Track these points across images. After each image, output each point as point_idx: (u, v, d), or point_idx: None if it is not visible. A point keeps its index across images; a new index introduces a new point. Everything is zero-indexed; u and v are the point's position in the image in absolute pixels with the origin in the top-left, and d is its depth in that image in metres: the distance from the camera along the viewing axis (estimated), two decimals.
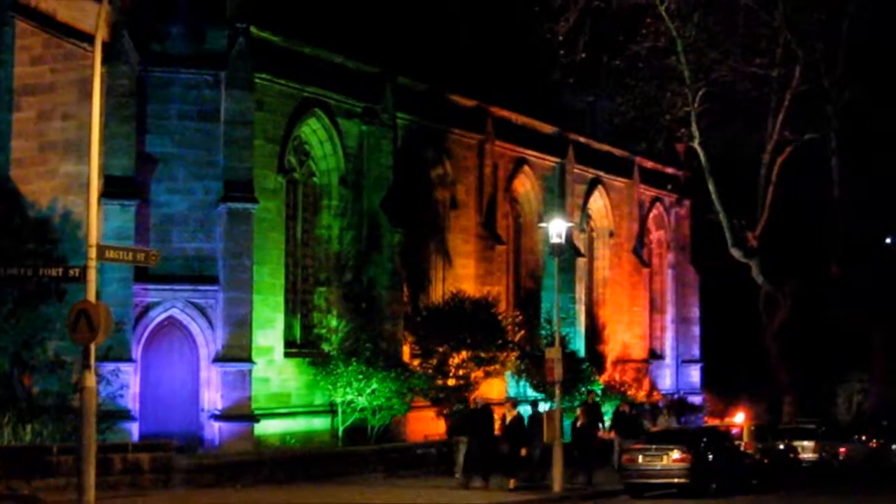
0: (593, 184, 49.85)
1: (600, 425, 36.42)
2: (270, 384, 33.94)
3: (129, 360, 30.74)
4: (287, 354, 34.69)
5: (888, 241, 53.76)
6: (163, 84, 32.14)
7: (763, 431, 38.14)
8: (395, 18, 38.03)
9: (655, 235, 55.40)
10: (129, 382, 30.49)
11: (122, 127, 31.20)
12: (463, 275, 41.49)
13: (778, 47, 43.81)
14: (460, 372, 37.72)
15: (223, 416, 31.85)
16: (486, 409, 31.54)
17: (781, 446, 37.35)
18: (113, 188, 30.68)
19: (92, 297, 22.06)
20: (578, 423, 33.91)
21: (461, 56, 41.33)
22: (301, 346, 35.61)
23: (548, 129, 46.56)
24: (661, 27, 42.63)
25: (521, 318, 41.94)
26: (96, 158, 22.68)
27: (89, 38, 28.31)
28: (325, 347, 35.30)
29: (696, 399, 54.28)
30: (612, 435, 37.10)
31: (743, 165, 46.42)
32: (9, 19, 32.50)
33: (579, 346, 46.88)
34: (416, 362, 37.58)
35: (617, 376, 48.51)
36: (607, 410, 39.50)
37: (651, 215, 54.43)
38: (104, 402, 28.00)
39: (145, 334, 31.67)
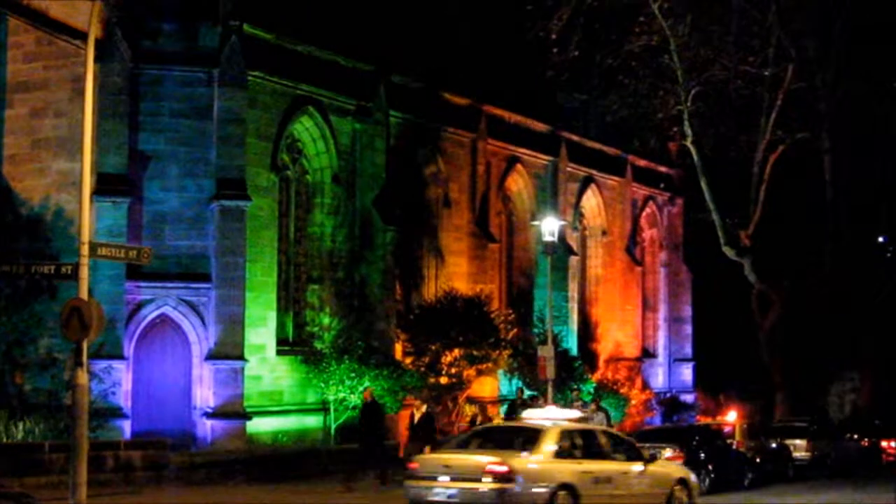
0: (586, 182, 49.91)
1: None
2: (263, 382, 33.95)
3: (122, 357, 30.77)
4: (279, 352, 34.71)
5: (880, 239, 53.78)
6: (155, 81, 32.15)
7: (755, 430, 38.11)
8: (389, 16, 38.02)
9: (648, 234, 55.45)
10: (121, 380, 30.52)
11: (114, 124, 31.23)
12: (455, 273, 41.52)
13: (770, 46, 43.82)
14: (453, 370, 37.75)
15: (215, 414, 31.85)
16: (375, 405, 29.80)
17: (774, 444, 37.35)
18: (105, 185, 30.72)
19: (84, 294, 22.04)
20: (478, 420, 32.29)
21: (454, 54, 41.35)
22: (293, 343, 35.62)
23: (541, 127, 46.61)
24: (654, 26, 42.62)
25: (513, 316, 41.93)
26: (89, 155, 22.66)
27: (82, 36, 28.27)
28: (318, 345, 35.29)
29: (689, 397, 54.35)
30: None
31: (735, 164, 46.39)
32: (1, 16, 32.46)
33: (572, 344, 46.94)
34: (408, 360, 37.60)
35: (609, 375, 48.56)
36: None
37: (644, 214, 54.49)
38: (96, 399, 27.95)
39: (138, 332, 31.67)
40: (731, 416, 41.36)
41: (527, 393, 37.55)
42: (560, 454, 21.99)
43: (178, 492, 26.78)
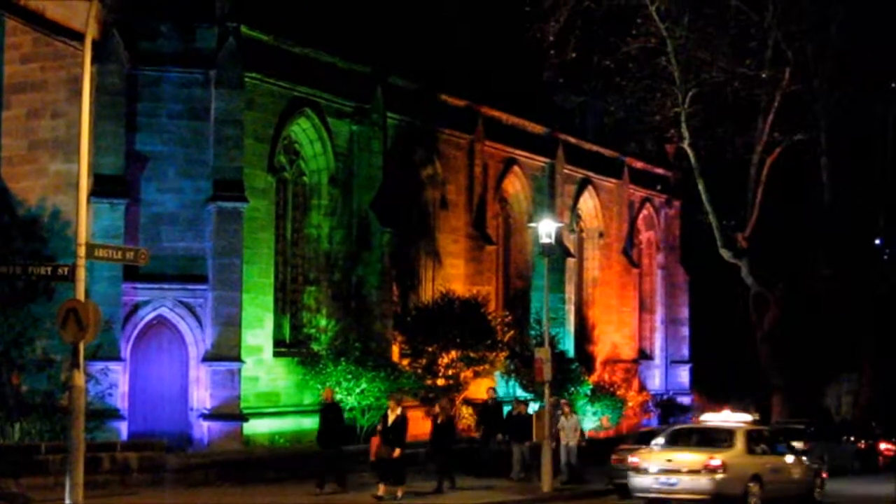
0: (583, 184, 49.88)
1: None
2: (259, 383, 33.92)
3: (118, 358, 30.72)
4: (276, 354, 34.66)
5: (877, 242, 53.78)
6: (153, 83, 32.13)
7: None
8: (386, 18, 38.02)
9: (645, 236, 55.45)
10: (117, 381, 30.47)
11: (111, 125, 31.19)
12: (452, 275, 41.49)
13: (768, 48, 43.89)
14: (450, 372, 37.75)
15: (212, 416, 31.82)
16: (335, 406, 29.20)
17: None
18: (102, 187, 30.67)
19: (81, 295, 22.03)
20: (439, 421, 31.04)
21: (452, 56, 41.35)
22: (290, 345, 35.57)
23: (538, 129, 46.58)
24: (652, 27, 42.67)
25: (510, 318, 41.94)
26: (86, 157, 22.65)
27: (79, 37, 28.20)
28: (315, 347, 35.27)
29: (685, 399, 54.34)
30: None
31: (732, 166, 46.47)
32: None
33: (569, 346, 46.91)
34: (405, 362, 37.56)
35: (606, 377, 48.53)
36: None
37: (641, 216, 54.48)
38: (93, 400, 27.96)
39: (134, 333, 31.63)
40: None
41: (521, 393, 37.56)
42: (749, 450, 27.55)
43: (175, 493, 26.78)
